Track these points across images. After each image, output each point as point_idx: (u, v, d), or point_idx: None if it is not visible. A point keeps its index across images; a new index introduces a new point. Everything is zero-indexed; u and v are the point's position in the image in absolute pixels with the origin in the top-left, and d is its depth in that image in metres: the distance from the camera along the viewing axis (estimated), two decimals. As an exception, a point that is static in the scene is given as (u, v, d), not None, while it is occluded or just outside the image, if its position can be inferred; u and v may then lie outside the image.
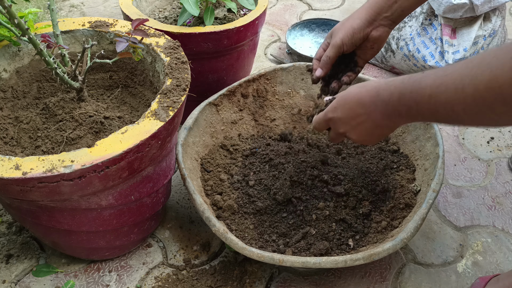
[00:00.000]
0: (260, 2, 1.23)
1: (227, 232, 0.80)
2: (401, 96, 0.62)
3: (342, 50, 0.87)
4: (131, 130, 0.73)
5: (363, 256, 0.76)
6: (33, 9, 0.88)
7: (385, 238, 0.87)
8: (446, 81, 0.54)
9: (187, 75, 0.86)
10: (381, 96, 0.66)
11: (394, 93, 0.63)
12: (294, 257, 0.77)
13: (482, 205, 1.13)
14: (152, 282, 0.94)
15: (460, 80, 0.52)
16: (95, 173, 0.69)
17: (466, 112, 0.53)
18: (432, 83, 0.56)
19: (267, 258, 0.77)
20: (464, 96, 0.51)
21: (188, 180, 0.87)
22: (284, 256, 0.77)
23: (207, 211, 0.83)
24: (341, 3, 2.06)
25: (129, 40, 0.77)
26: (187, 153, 0.94)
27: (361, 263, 0.76)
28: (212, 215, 0.82)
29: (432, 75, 0.56)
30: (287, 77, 1.18)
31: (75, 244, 0.88)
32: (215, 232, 0.81)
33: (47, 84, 0.95)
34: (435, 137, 0.98)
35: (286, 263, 0.76)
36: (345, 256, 0.76)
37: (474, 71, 0.50)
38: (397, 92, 0.63)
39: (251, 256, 0.78)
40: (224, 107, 1.09)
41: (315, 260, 0.76)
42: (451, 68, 0.54)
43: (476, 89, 0.50)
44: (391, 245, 0.77)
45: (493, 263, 0.99)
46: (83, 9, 1.92)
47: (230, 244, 0.80)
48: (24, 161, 0.67)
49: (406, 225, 0.81)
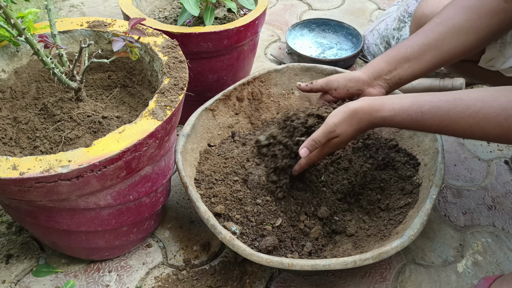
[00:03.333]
0: (260, 2, 1.23)
1: (234, 239, 0.79)
2: (401, 126, 0.76)
3: (333, 86, 0.91)
4: (129, 129, 0.73)
5: (372, 256, 0.76)
6: (33, 9, 0.88)
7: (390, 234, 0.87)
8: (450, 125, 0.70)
9: (185, 74, 0.86)
10: (378, 126, 0.79)
11: (394, 124, 0.76)
12: (303, 260, 0.76)
13: (482, 205, 1.12)
14: (152, 282, 0.94)
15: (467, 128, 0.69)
16: (93, 173, 0.69)
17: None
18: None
19: (276, 263, 0.76)
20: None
21: (190, 188, 0.86)
22: (293, 260, 0.76)
23: (212, 218, 0.82)
24: (341, 3, 2.05)
25: (126, 40, 0.77)
26: (186, 160, 0.94)
27: (370, 262, 0.76)
28: (217, 222, 0.82)
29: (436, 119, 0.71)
30: (282, 78, 1.18)
31: (75, 244, 0.88)
32: (221, 239, 0.80)
33: (45, 84, 0.95)
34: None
35: (295, 267, 0.76)
36: (354, 257, 0.76)
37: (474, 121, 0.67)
38: (398, 124, 0.76)
39: (259, 262, 0.77)
40: (220, 111, 1.09)
41: (325, 262, 0.75)
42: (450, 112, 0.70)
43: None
44: (399, 243, 0.77)
45: (493, 263, 0.99)
46: (83, 9, 1.92)
47: (237, 251, 0.79)
48: (22, 161, 0.67)
49: (412, 222, 0.81)
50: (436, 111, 0.71)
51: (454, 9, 0.86)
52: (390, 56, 0.88)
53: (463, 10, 0.85)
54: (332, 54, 1.64)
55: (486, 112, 0.66)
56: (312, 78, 1.18)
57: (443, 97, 0.71)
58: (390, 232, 0.88)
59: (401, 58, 0.87)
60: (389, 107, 0.75)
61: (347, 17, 1.92)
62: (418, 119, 0.72)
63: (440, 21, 0.87)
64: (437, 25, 0.87)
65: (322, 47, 1.69)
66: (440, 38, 0.85)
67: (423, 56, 0.86)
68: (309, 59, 1.52)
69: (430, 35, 0.86)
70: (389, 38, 1.53)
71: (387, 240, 0.84)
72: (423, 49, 0.86)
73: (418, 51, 0.86)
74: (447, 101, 0.70)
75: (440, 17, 0.87)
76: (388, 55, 0.88)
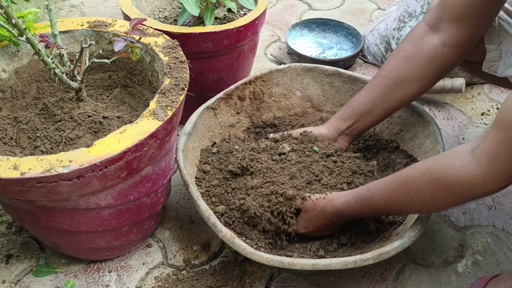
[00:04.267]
0: (260, 2, 1.23)
1: (234, 237, 0.79)
2: (360, 211, 0.83)
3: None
4: (130, 129, 0.73)
5: (373, 256, 0.76)
6: (33, 9, 0.88)
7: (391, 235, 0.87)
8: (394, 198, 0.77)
9: (186, 75, 0.86)
10: (342, 214, 0.85)
11: (354, 211, 0.83)
12: (304, 260, 0.76)
13: (482, 205, 1.12)
14: (152, 282, 0.94)
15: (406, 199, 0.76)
16: (94, 173, 0.69)
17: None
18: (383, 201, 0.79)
19: (277, 262, 0.76)
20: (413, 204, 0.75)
21: (191, 186, 0.86)
22: (294, 260, 0.76)
23: (212, 217, 0.82)
24: (341, 3, 2.05)
25: (127, 40, 0.77)
26: (187, 158, 0.94)
27: (370, 263, 0.76)
28: (218, 220, 0.81)
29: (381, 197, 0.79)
30: (283, 78, 1.18)
31: (75, 244, 0.88)
32: (222, 237, 0.80)
33: (46, 84, 0.95)
34: (434, 134, 0.99)
35: (295, 266, 0.76)
36: (355, 257, 0.76)
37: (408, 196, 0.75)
38: (357, 208, 0.82)
39: (259, 260, 0.77)
40: (221, 110, 1.09)
41: (325, 262, 0.75)
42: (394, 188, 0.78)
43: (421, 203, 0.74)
44: (400, 243, 0.77)
45: (493, 263, 0.99)
46: (83, 9, 1.92)
47: (238, 250, 0.79)
48: (23, 161, 0.67)
49: (412, 223, 0.81)
50: (379, 187, 0.80)
51: (396, 60, 0.94)
52: (346, 115, 1.00)
53: (404, 61, 0.92)
54: (332, 54, 1.64)
55: (412, 180, 0.74)
56: (313, 79, 1.18)
57: (386, 178, 0.80)
58: (390, 233, 0.88)
59: (356, 114, 0.98)
60: (346, 193, 0.85)
61: (347, 17, 1.93)
62: (366, 197, 0.81)
63: (385, 74, 0.95)
64: (382, 78, 0.95)
65: (322, 47, 1.69)
66: (386, 91, 0.94)
67: (375, 109, 0.96)
68: (309, 59, 1.52)
69: (377, 90, 0.96)
70: (389, 38, 1.53)
71: (387, 241, 0.84)
72: (373, 103, 0.96)
73: (369, 106, 0.97)
74: (388, 178, 0.79)
75: (384, 69, 0.95)
76: (345, 114, 1.00)
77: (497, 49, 0.92)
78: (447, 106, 1.43)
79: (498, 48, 0.91)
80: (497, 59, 0.93)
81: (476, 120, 1.39)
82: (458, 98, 1.47)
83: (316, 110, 1.19)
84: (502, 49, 0.91)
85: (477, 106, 1.44)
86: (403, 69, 0.92)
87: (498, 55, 0.92)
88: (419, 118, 1.04)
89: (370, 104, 0.96)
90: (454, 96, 1.47)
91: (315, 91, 1.19)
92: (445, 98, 1.46)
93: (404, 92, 0.93)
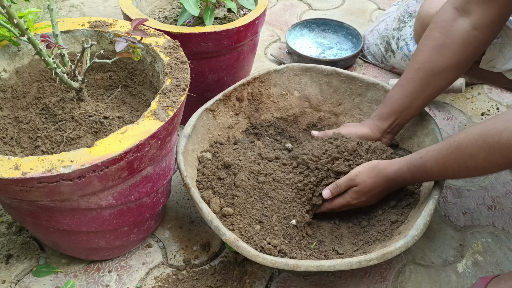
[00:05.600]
0: (260, 2, 1.23)
1: (238, 240, 0.79)
2: (413, 177, 0.85)
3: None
4: (131, 130, 0.73)
5: (377, 256, 0.76)
6: (33, 9, 0.88)
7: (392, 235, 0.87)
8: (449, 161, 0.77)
9: (187, 75, 0.86)
10: (395, 181, 0.87)
11: (406, 178, 0.85)
12: (308, 261, 0.76)
13: (482, 205, 1.13)
14: (152, 282, 0.94)
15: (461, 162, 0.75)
16: (95, 173, 0.69)
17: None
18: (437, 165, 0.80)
19: (281, 264, 0.76)
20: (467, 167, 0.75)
21: (192, 189, 0.86)
22: (299, 261, 0.76)
23: (215, 220, 0.81)
24: (341, 3, 2.05)
25: (129, 40, 0.77)
26: (187, 161, 0.93)
27: (375, 263, 0.76)
28: (220, 223, 0.81)
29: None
30: (281, 78, 1.18)
31: (75, 244, 0.88)
32: (225, 241, 0.79)
33: (46, 84, 0.95)
34: (434, 132, 0.99)
35: (300, 268, 0.75)
36: (359, 257, 0.76)
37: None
38: (410, 175, 0.84)
39: (264, 263, 0.76)
40: (220, 112, 1.09)
41: (330, 263, 0.75)
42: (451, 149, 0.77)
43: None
44: (403, 243, 0.78)
45: (493, 263, 0.99)
46: (83, 9, 1.92)
47: (242, 252, 0.78)
48: (24, 161, 0.67)
49: (415, 222, 0.81)
50: (431, 154, 0.80)
51: (428, 51, 0.91)
52: (386, 113, 0.99)
53: (436, 50, 0.90)
54: (332, 54, 1.64)
55: (466, 145, 0.74)
56: (311, 79, 1.18)
57: (437, 145, 0.81)
58: (392, 233, 0.88)
59: (396, 112, 0.98)
60: (398, 161, 0.87)
61: (347, 17, 1.93)
62: (419, 164, 0.82)
63: (418, 67, 0.93)
64: (416, 71, 0.93)
65: (322, 47, 1.69)
66: (423, 83, 0.93)
67: (414, 103, 0.96)
68: (309, 59, 1.52)
69: (414, 83, 0.94)
70: (389, 38, 1.53)
71: (389, 241, 0.84)
72: (411, 98, 0.95)
73: (408, 102, 0.96)
74: (440, 145, 0.80)
75: (417, 61, 0.93)
76: (384, 113, 1.00)
77: (496, 44, 0.91)
78: (447, 106, 1.44)
79: (497, 42, 0.91)
80: (496, 54, 0.93)
81: (476, 120, 1.39)
82: (458, 98, 1.47)
83: (315, 110, 1.20)
84: (502, 43, 0.91)
85: (477, 106, 1.44)
86: (437, 59, 0.90)
87: (497, 49, 0.92)
88: (418, 117, 1.05)
89: (408, 100, 0.96)
90: (454, 96, 1.47)
91: (313, 91, 1.19)
92: (445, 98, 1.46)
93: (441, 81, 0.92)
